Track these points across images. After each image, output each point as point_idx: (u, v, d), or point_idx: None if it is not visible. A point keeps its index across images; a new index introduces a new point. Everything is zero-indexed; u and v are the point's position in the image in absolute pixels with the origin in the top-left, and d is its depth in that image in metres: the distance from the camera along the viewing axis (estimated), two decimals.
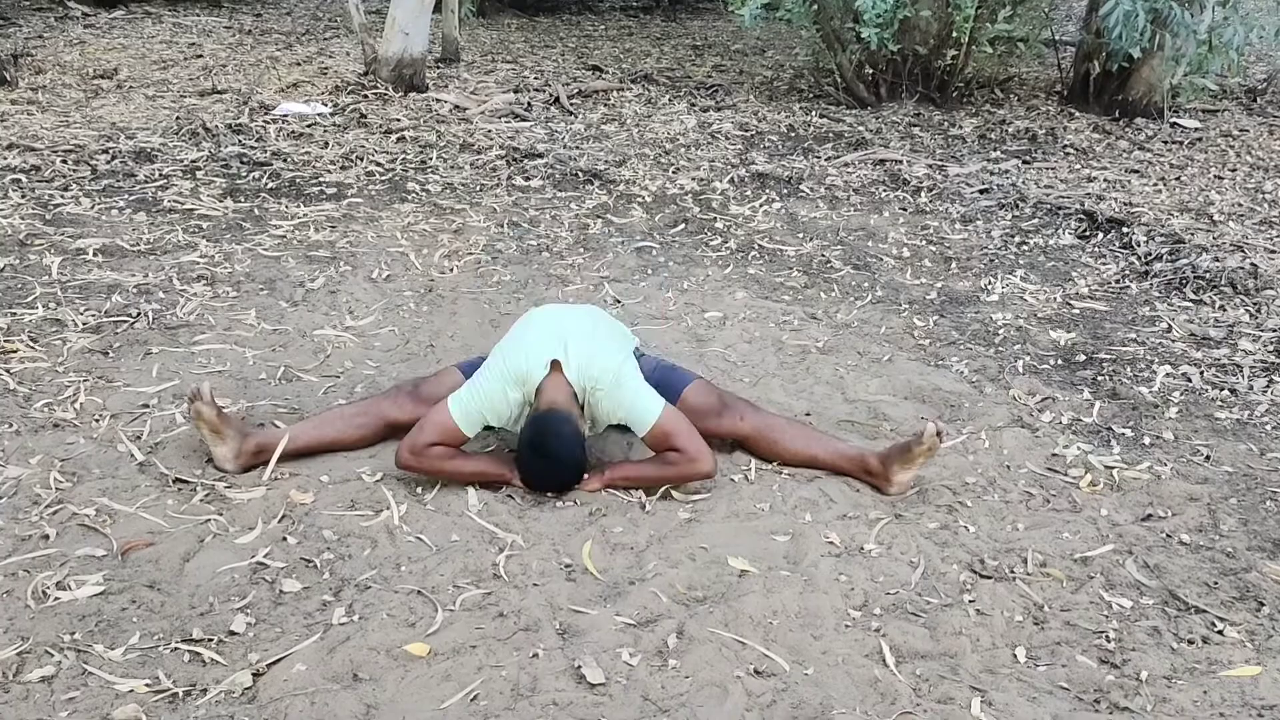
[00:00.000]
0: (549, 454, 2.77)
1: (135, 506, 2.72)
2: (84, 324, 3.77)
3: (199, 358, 3.59)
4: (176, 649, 2.23)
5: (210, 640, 2.26)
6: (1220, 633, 2.44)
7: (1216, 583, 2.64)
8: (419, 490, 2.86)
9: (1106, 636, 2.42)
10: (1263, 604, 2.55)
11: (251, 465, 2.91)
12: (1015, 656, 2.36)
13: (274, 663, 2.20)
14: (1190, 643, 2.41)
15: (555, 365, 2.85)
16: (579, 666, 2.22)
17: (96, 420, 3.14)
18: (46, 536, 2.58)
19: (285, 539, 2.63)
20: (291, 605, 2.39)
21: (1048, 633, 2.44)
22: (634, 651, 2.27)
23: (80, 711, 2.06)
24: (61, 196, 5.25)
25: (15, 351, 3.52)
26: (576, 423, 2.81)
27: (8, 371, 3.38)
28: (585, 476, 2.91)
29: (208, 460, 2.93)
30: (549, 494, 2.88)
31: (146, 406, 3.24)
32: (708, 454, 2.88)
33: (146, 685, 2.13)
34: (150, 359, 3.55)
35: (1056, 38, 9.46)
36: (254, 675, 2.16)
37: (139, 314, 3.88)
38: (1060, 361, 3.94)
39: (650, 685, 2.19)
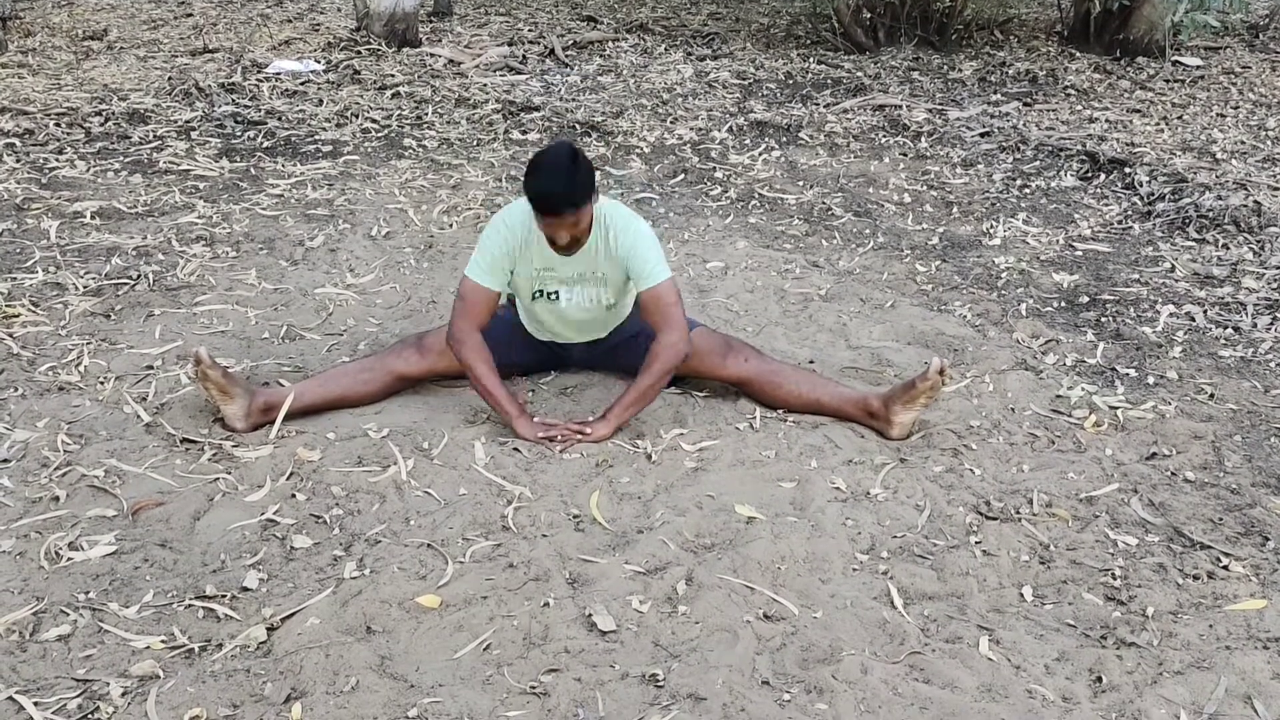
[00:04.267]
0: (559, 150, 2.74)
1: (144, 467, 2.73)
2: (84, 287, 3.77)
3: (201, 318, 3.59)
4: (190, 606, 2.25)
5: (224, 596, 2.28)
6: (1225, 568, 2.46)
7: (1221, 519, 2.65)
8: (426, 445, 2.87)
9: (1112, 574, 2.44)
10: (1267, 539, 2.57)
11: (260, 423, 2.92)
12: (1022, 595, 2.38)
13: (288, 617, 2.22)
14: (1195, 578, 2.43)
15: None
16: (590, 615, 2.24)
17: (101, 382, 3.14)
18: (57, 498, 2.60)
19: (294, 496, 2.64)
20: (303, 561, 2.41)
21: (1054, 571, 2.46)
22: (644, 599, 2.29)
23: (98, 668, 2.08)
24: (56, 160, 5.22)
25: (17, 316, 3.51)
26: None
27: (10, 336, 3.38)
28: (589, 423, 2.93)
29: (215, 419, 2.94)
30: (545, 208, 2.74)
31: (151, 368, 3.24)
32: (687, 331, 2.92)
33: (162, 642, 2.15)
34: (152, 320, 3.55)
35: None
36: (268, 630, 2.19)
37: (139, 276, 3.87)
38: (1063, 303, 3.94)
39: (661, 631, 2.21)
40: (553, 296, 3.00)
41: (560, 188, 2.71)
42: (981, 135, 6.15)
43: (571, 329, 3.11)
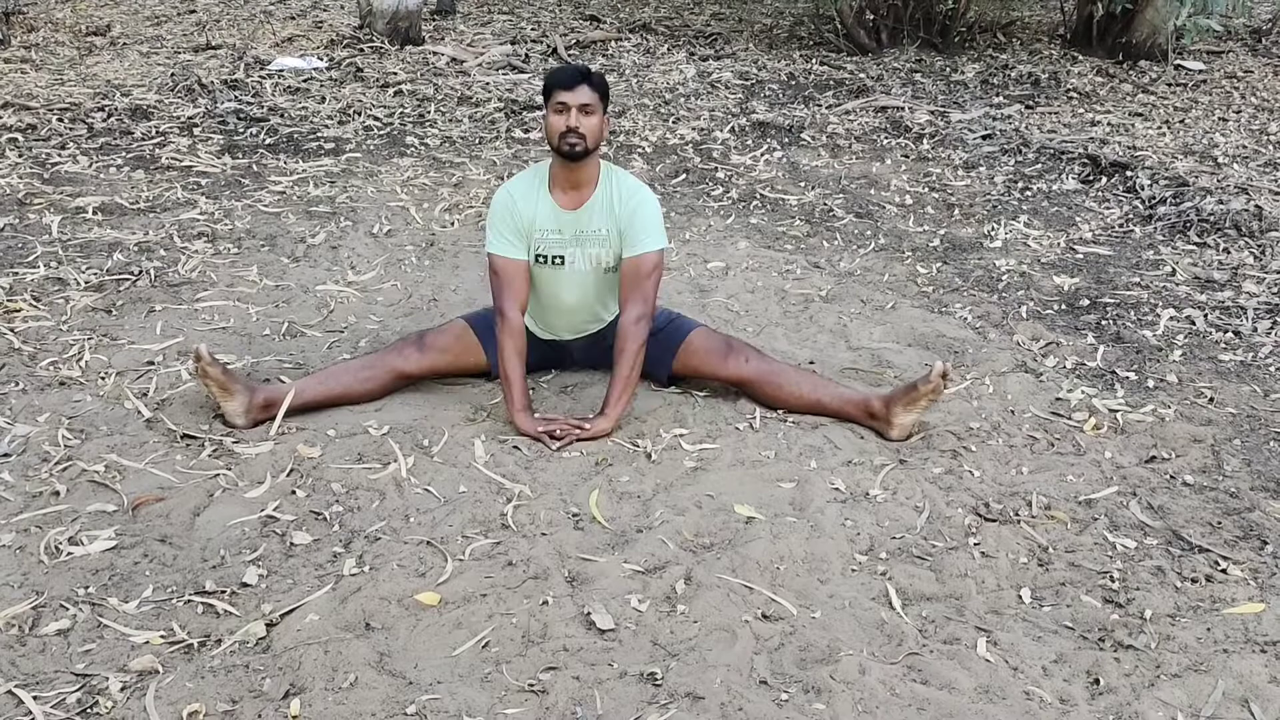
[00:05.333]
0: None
1: (144, 462, 2.74)
2: (86, 282, 3.77)
3: (202, 315, 3.59)
4: (190, 601, 2.26)
5: (223, 592, 2.28)
6: (1224, 571, 2.46)
7: (1220, 522, 2.66)
8: (426, 442, 2.87)
9: (1111, 576, 2.44)
10: (1266, 543, 2.57)
11: (261, 420, 2.92)
12: (1020, 597, 2.38)
13: (287, 613, 2.22)
14: (1194, 581, 2.43)
15: None
16: (588, 613, 2.24)
17: (102, 378, 3.14)
18: (57, 493, 2.60)
19: (294, 492, 2.64)
20: (302, 557, 2.41)
21: (1052, 574, 2.46)
22: (643, 598, 2.29)
23: (97, 663, 2.08)
24: (59, 155, 5.23)
25: (19, 311, 3.52)
26: None
27: (12, 331, 3.39)
28: (589, 419, 2.93)
29: (215, 416, 2.94)
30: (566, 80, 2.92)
31: (152, 364, 3.25)
32: (653, 306, 2.97)
33: (161, 637, 2.15)
34: (154, 316, 3.56)
35: None
36: (267, 626, 2.19)
37: (141, 272, 3.88)
38: (1064, 306, 3.94)
39: (659, 630, 2.21)
40: (556, 261, 2.99)
41: (577, 67, 2.91)
42: (983, 137, 6.15)
43: (570, 316, 3.11)
